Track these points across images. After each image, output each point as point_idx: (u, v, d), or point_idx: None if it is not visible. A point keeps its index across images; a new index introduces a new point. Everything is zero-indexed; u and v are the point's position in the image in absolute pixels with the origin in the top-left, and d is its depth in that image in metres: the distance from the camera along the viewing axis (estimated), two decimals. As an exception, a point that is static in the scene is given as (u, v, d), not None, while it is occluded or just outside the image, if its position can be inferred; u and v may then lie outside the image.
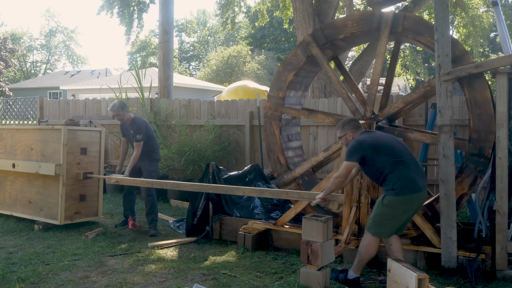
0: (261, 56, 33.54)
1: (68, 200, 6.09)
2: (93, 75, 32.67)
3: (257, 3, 17.06)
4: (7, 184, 6.73)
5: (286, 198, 5.42)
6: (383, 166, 4.00)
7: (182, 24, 49.52)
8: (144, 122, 6.31)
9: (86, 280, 4.32)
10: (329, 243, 4.10)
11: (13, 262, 4.80)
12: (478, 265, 4.25)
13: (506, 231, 4.22)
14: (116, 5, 15.37)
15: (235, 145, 8.49)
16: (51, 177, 6.11)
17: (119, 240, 5.76)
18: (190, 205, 5.89)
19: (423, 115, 6.75)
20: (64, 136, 5.97)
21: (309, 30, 9.12)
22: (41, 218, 6.29)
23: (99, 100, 10.35)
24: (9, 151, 6.66)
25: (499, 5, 5.29)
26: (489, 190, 4.46)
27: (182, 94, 20.49)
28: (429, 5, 11.97)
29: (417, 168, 4.09)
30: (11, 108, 11.71)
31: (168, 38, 11.62)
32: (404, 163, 3.99)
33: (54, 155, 6.10)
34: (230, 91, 13.26)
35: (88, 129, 6.86)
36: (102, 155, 6.47)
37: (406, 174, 3.95)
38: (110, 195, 8.74)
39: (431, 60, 27.49)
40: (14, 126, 7.09)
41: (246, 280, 4.30)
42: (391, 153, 4.02)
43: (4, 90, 22.08)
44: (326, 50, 5.42)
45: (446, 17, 4.35)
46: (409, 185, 3.93)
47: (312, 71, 5.86)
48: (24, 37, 49.66)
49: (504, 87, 4.23)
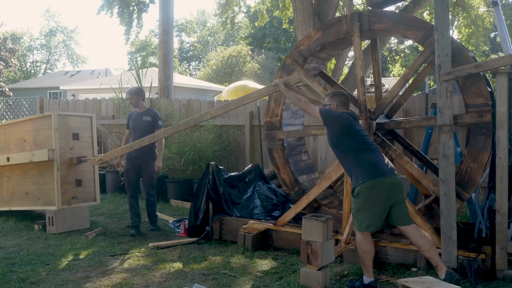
0: (261, 56, 33.55)
1: (64, 185, 6.10)
2: (93, 75, 32.66)
3: (257, 3, 17.06)
4: (4, 181, 6.75)
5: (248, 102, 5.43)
6: (347, 148, 4.07)
7: (182, 24, 49.52)
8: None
9: (86, 280, 4.32)
10: (329, 243, 4.10)
11: (13, 262, 4.81)
12: (478, 265, 4.24)
13: (506, 231, 4.22)
14: (116, 5, 15.38)
15: (235, 145, 8.49)
16: (46, 165, 6.14)
17: (119, 240, 5.76)
18: (192, 206, 5.89)
19: (422, 114, 6.76)
20: (54, 121, 6.02)
21: (309, 30, 9.11)
22: (39, 206, 6.32)
23: (99, 100, 10.36)
24: (3, 147, 6.70)
25: (499, 5, 5.28)
26: (489, 190, 4.46)
27: (182, 94, 20.49)
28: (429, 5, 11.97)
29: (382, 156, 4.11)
30: (11, 108, 11.72)
31: (168, 38, 11.62)
32: (368, 150, 4.02)
33: (46, 142, 6.14)
34: (230, 91, 13.28)
35: (79, 115, 6.96)
36: (94, 141, 6.54)
37: (368, 160, 3.98)
38: (110, 195, 8.74)
39: (431, 60, 27.43)
40: (6, 122, 7.10)
41: (246, 280, 4.30)
42: (358, 139, 4.06)
43: (4, 90, 22.06)
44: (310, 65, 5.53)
45: (446, 17, 4.35)
46: (372, 171, 3.94)
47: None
48: (24, 37, 49.64)
49: (504, 87, 4.23)
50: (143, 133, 6.03)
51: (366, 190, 3.94)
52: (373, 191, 3.93)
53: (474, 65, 4.31)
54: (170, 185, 8.31)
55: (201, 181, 5.92)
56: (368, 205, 3.97)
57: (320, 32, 5.42)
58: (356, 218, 4.06)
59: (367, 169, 3.96)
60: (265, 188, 6.33)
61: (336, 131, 4.13)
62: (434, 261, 4.00)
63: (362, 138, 4.10)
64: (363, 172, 3.97)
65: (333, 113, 4.19)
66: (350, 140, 4.08)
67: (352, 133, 4.09)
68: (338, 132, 4.12)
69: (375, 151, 4.09)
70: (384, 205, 3.99)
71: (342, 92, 4.53)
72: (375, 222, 4.00)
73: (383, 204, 3.98)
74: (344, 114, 4.18)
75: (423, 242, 4.02)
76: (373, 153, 4.05)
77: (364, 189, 3.94)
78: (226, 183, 6.00)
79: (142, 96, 6.32)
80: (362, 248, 4.03)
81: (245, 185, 6.27)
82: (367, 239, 4.03)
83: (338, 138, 4.14)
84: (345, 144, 4.10)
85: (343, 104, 4.31)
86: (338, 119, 4.13)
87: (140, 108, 6.30)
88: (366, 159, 4.00)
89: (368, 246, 4.02)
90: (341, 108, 4.28)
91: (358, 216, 4.03)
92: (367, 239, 4.03)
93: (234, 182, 6.16)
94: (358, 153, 4.03)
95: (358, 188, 3.98)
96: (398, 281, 3.95)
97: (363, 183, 3.94)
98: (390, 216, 4.06)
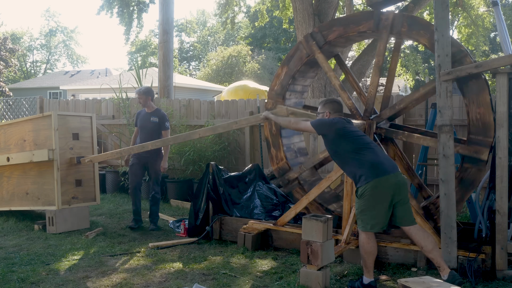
0: (261, 56, 33.54)
1: (64, 185, 6.10)
2: (93, 75, 32.67)
3: (257, 3, 17.07)
4: (4, 181, 6.74)
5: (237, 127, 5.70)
6: (346, 151, 4.06)
7: (182, 24, 49.52)
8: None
9: (86, 280, 4.32)
10: (329, 243, 4.10)
11: (13, 262, 4.80)
12: (478, 265, 4.25)
13: (506, 231, 4.22)
14: (116, 5, 15.39)
15: (235, 145, 8.49)
16: (46, 165, 6.14)
17: (119, 240, 5.76)
18: (192, 206, 5.90)
19: (423, 115, 6.75)
20: (54, 121, 6.02)
21: (309, 30, 9.12)
22: (39, 206, 6.32)
23: (99, 100, 10.35)
24: (3, 147, 6.70)
25: (499, 5, 5.28)
26: (489, 190, 4.46)
27: (182, 94, 20.49)
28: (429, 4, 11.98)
29: (383, 153, 4.12)
30: (11, 108, 11.72)
31: (168, 38, 11.61)
32: (367, 149, 4.01)
33: (46, 142, 6.14)
34: (230, 91, 13.27)
35: (79, 115, 6.98)
36: (94, 141, 6.55)
37: (368, 160, 3.95)
38: (110, 195, 8.74)
39: (431, 60, 27.49)
40: (6, 122, 7.11)
41: (246, 280, 4.30)
42: (355, 140, 4.06)
43: (4, 90, 22.07)
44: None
45: (446, 17, 4.35)
46: (374, 170, 3.91)
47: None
48: (24, 37, 49.64)
49: (504, 87, 4.23)
50: (150, 134, 6.27)
51: (370, 190, 3.90)
52: (377, 191, 3.89)
53: (474, 65, 4.31)
54: (170, 185, 8.31)
55: (201, 181, 5.92)
56: (372, 205, 3.92)
57: (286, 67, 5.65)
58: (360, 219, 4.02)
59: (369, 169, 3.92)
60: (265, 188, 6.33)
61: (331, 136, 4.16)
62: (437, 262, 3.98)
63: (359, 138, 4.11)
64: (365, 172, 3.93)
65: (324, 121, 4.27)
66: (347, 142, 4.08)
67: (347, 135, 4.11)
68: (333, 137, 4.15)
69: (375, 149, 4.07)
70: (388, 204, 3.94)
71: (334, 99, 4.57)
72: (380, 222, 3.97)
73: (387, 203, 3.93)
74: (336, 119, 4.24)
75: (426, 242, 3.99)
76: (373, 151, 4.03)
77: (368, 189, 3.90)
78: (226, 183, 6.00)
79: (150, 96, 6.44)
80: (365, 249, 4.00)
81: (245, 185, 6.27)
82: (371, 240, 4.00)
83: (335, 143, 4.15)
84: (343, 147, 4.10)
85: (336, 111, 4.37)
86: (331, 124, 4.19)
87: (149, 108, 6.42)
88: (367, 159, 3.97)
89: (371, 247, 4.00)
90: (334, 115, 4.35)
91: (362, 216, 4.00)
92: (371, 240, 4.00)
93: (234, 182, 6.16)
94: (358, 154, 4.01)
95: (362, 188, 3.95)
96: (398, 281, 3.95)
97: (367, 184, 3.90)
98: (393, 216, 4.02)
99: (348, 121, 4.30)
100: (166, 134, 6.31)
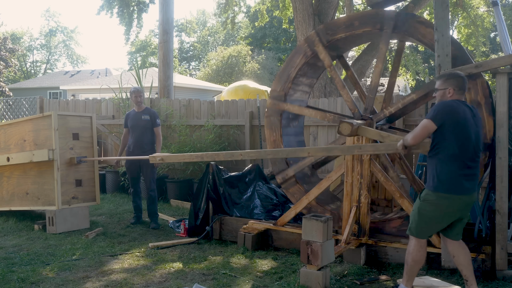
0: (261, 56, 33.55)
1: (64, 185, 6.11)
2: (93, 75, 32.65)
3: (257, 3, 17.08)
4: (4, 181, 6.75)
5: (359, 153, 4.76)
6: (445, 147, 3.54)
7: (182, 24, 49.52)
8: None
9: (86, 280, 4.32)
10: (329, 243, 4.10)
11: (13, 262, 4.81)
12: (478, 265, 4.25)
13: (506, 231, 4.23)
14: (116, 5, 15.40)
15: (235, 145, 8.49)
16: (46, 165, 6.14)
17: (119, 240, 5.76)
18: (192, 206, 5.90)
19: (423, 115, 6.75)
20: (54, 121, 6.03)
21: (309, 30, 9.13)
22: (39, 206, 6.33)
23: (99, 100, 10.35)
24: (3, 147, 6.70)
25: (499, 5, 5.29)
26: (489, 190, 4.46)
27: (182, 94, 20.49)
28: (429, 4, 11.98)
29: (476, 170, 3.65)
30: (11, 108, 11.72)
31: (168, 38, 11.62)
32: (460, 160, 3.53)
33: (46, 142, 6.15)
34: (230, 91, 13.25)
35: (79, 115, 6.99)
36: (95, 141, 6.57)
37: (459, 173, 3.54)
38: (110, 195, 8.74)
39: (431, 60, 27.50)
40: (6, 122, 7.11)
41: (246, 280, 4.30)
42: (460, 141, 3.51)
43: (4, 90, 22.08)
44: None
45: (446, 17, 4.35)
46: (459, 186, 3.54)
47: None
48: (24, 37, 49.64)
49: (504, 87, 4.23)
50: (142, 131, 6.44)
51: (443, 201, 3.59)
52: (450, 206, 3.61)
53: (474, 65, 4.31)
54: (170, 185, 8.31)
55: (201, 181, 5.92)
56: (439, 216, 3.66)
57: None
58: (419, 226, 3.71)
59: (453, 182, 3.54)
60: (265, 188, 6.34)
61: (440, 132, 3.55)
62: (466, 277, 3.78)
63: (467, 144, 3.53)
64: (447, 182, 3.55)
65: (445, 108, 3.55)
66: (452, 139, 3.52)
67: (456, 133, 3.51)
68: (443, 131, 3.53)
69: (473, 166, 3.59)
70: (452, 220, 3.71)
71: (458, 73, 3.76)
72: (434, 231, 3.86)
73: (452, 219, 3.70)
74: (458, 106, 3.55)
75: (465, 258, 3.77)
76: (469, 169, 3.57)
77: (441, 200, 3.59)
78: (226, 183, 6.00)
79: (143, 96, 6.70)
80: (414, 257, 3.73)
81: (245, 185, 6.27)
82: (423, 248, 3.75)
83: (442, 134, 3.55)
84: (447, 141, 3.54)
85: (461, 88, 3.65)
86: (451, 114, 3.51)
87: (139, 108, 6.56)
88: (459, 172, 3.54)
89: (422, 256, 3.75)
90: (458, 93, 3.63)
91: (422, 224, 3.70)
92: (423, 248, 3.75)
93: (234, 182, 6.17)
94: (454, 161, 3.54)
95: (433, 195, 3.61)
96: (398, 281, 3.94)
97: (443, 194, 3.57)
98: (450, 228, 3.76)
99: (474, 114, 3.65)
100: (158, 131, 6.52)
